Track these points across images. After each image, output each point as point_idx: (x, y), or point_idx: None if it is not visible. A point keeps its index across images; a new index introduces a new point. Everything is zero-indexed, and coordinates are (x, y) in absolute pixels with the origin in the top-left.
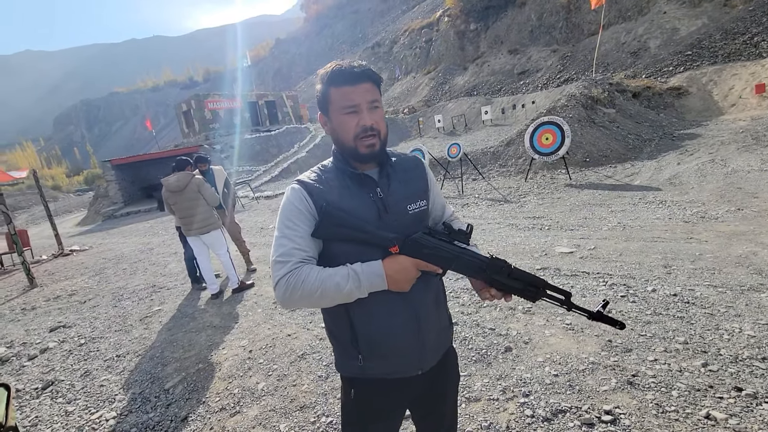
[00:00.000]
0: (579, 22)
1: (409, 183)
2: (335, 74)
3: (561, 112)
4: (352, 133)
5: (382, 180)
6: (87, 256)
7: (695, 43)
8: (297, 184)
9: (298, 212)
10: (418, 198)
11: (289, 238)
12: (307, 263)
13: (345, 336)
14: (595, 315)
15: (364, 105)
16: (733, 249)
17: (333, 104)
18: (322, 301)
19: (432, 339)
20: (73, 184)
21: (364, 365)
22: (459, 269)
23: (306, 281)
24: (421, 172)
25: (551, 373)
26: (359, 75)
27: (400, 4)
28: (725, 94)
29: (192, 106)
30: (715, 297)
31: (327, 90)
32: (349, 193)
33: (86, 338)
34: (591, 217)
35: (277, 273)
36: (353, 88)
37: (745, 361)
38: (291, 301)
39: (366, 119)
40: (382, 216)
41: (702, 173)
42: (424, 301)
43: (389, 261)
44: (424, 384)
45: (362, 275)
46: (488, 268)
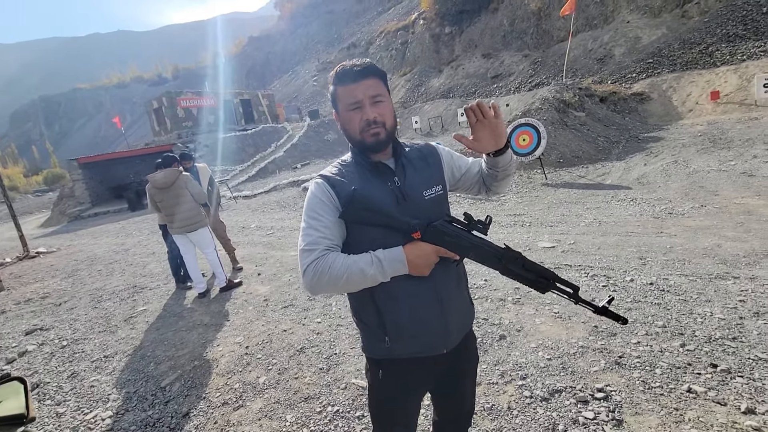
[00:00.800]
0: (549, 29)
1: (425, 170)
2: (340, 74)
3: (535, 115)
4: (357, 128)
5: (398, 169)
6: (56, 258)
7: (656, 51)
8: (320, 178)
9: (322, 204)
10: (434, 183)
11: (314, 228)
12: (332, 251)
13: (372, 320)
14: (600, 309)
15: (366, 100)
16: (699, 242)
17: (340, 102)
18: (348, 286)
19: (455, 319)
20: (32, 184)
21: (391, 347)
22: (476, 258)
23: (333, 267)
24: (436, 158)
25: (545, 357)
26: (360, 72)
27: (376, 6)
28: (683, 100)
29: (164, 103)
30: (687, 285)
31: (335, 89)
32: (369, 183)
33: (68, 340)
34: (568, 214)
35: (305, 260)
36: (356, 85)
37: (717, 340)
38: (318, 286)
39: (368, 113)
40: (401, 203)
41: (667, 173)
42: (446, 283)
43: (410, 247)
44: (447, 363)
45: (384, 261)
46: (503, 258)
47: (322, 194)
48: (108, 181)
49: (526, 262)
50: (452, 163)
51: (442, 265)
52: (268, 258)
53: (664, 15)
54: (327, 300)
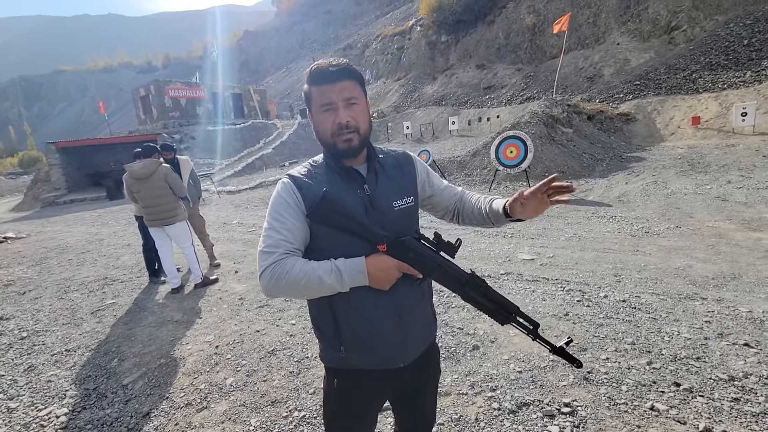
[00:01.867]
0: (542, 45)
1: (397, 179)
2: (314, 73)
3: (524, 128)
4: (329, 131)
5: (369, 176)
6: (24, 245)
7: (643, 74)
8: (287, 178)
9: (286, 205)
10: (405, 194)
11: (276, 230)
12: (292, 255)
13: (328, 327)
14: (557, 350)
15: (340, 102)
16: (672, 262)
17: (314, 102)
18: (306, 293)
19: (415, 333)
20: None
21: (346, 356)
22: (439, 279)
23: (291, 272)
24: (411, 168)
25: (516, 369)
26: (336, 73)
27: (374, 9)
28: (666, 123)
29: (151, 91)
30: (657, 303)
31: (309, 89)
32: (338, 188)
33: (29, 331)
34: (549, 228)
35: (263, 263)
36: (331, 86)
37: (682, 360)
38: (275, 290)
39: (341, 116)
40: (369, 212)
41: (646, 193)
42: (408, 297)
43: (373, 259)
44: (405, 377)
45: (344, 271)
46: (467, 284)
47: (287, 195)
48: (86, 168)
49: (489, 292)
50: (426, 179)
51: (406, 279)
52: (247, 256)
53: (652, 40)
54: (304, 302)
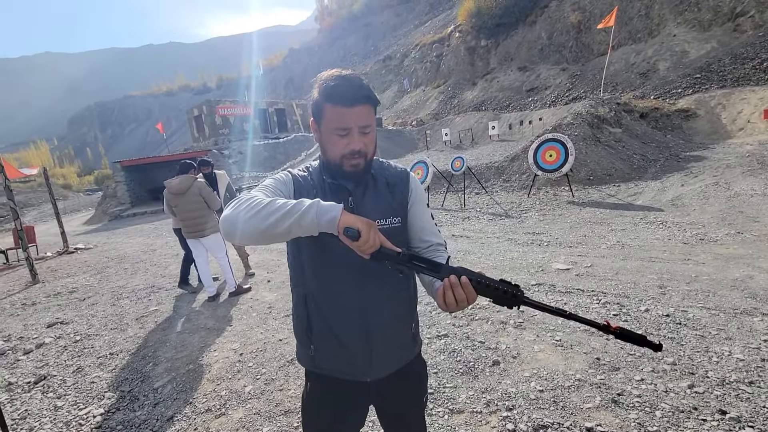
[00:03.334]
0: (589, 42)
1: (386, 197)
2: (333, 91)
3: (567, 130)
4: (339, 153)
5: (357, 190)
6: (90, 255)
7: (704, 66)
8: (287, 172)
9: (281, 182)
10: (391, 214)
11: (260, 189)
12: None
13: (302, 325)
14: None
15: (356, 129)
16: (729, 272)
17: (326, 120)
18: (265, 223)
19: (383, 351)
20: (84, 183)
21: (314, 357)
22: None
23: (253, 198)
24: (404, 186)
25: (537, 388)
26: (357, 98)
27: (413, 19)
28: (733, 118)
29: (203, 111)
30: (707, 319)
31: (322, 103)
32: (323, 196)
33: (82, 335)
34: (591, 235)
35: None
36: (349, 110)
37: (731, 384)
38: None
39: (356, 143)
40: None
41: (705, 195)
42: (380, 312)
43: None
44: (380, 392)
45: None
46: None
47: (284, 178)
48: (147, 184)
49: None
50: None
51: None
52: (280, 265)
53: (714, 28)
54: None
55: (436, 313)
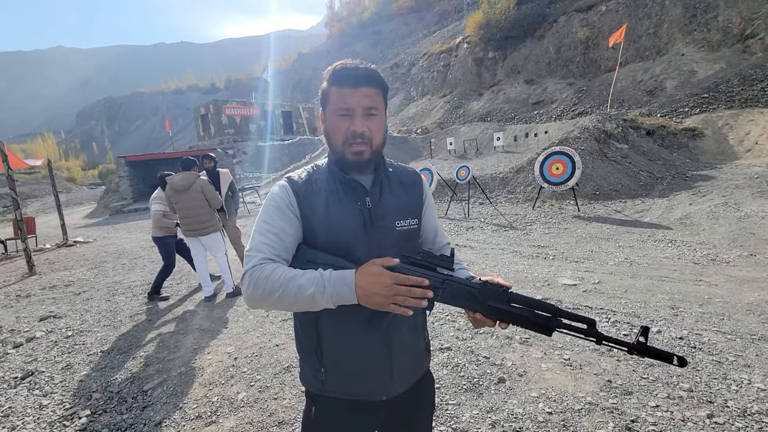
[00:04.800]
0: (596, 58)
1: (402, 197)
2: (337, 73)
3: (573, 144)
4: (341, 137)
5: (374, 189)
6: (89, 249)
7: (712, 86)
8: (285, 181)
9: (277, 209)
10: (409, 215)
11: (261, 233)
12: (273, 261)
13: (310, 345)
14: (638, 347)
15: (359, 110)
16: (744, 295)
17: (330, 104)
18: (283, 303)
19: (403, 364)
20: (88, 177)
21: (325, 380)
22: (446, 299)
23: (270, 279)
24: (419, 188)
25: (545, 410)
26: (361, 78)
27: (422, 29)
28: (741, 139)
29: (210, 110)
30: (723, 344)
31: (328, 88)
32: (337, 198)
33: (74, 330)
34: (597, 250)
35: (245, 267)
36: (352, 90)
37: (754, 416)
38: (254, 299)
39: (357, 125)
40: (368, 228)
41: (714, 215)
42: (399, 323)
43: (363, 268)
44: (390, 411)
45: (328, 281)
46: (481, 294)
47: (281, 199)
48: (150, 179)
49: (511, 296)
50: (427, 209)
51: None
52: None
53: (723, 49)
54: None
55: (439, 324)
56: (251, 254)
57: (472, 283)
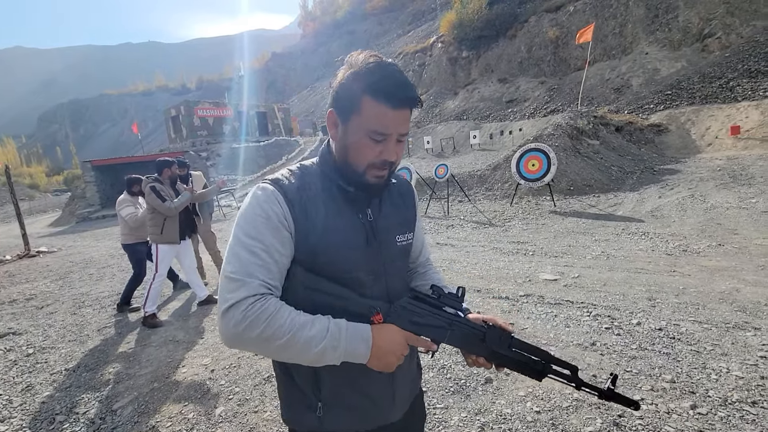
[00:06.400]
0: (566, 57)
1: (402, 209)
2: (381, 83)
3: (547, 141)
4: (367, 161)
5: (374, 200)
6: (54, 259)
7: (675, 84)
8: (272, 186)
9: (266, 222)
10: (407, 229)
11: (250, 250)
12: (272, 293)
13: (305, 381)
14: (606, 394)
15: (394, 136)
16: (716, 284)
17: (362, 118)
18: (282, 353)
19: (404, 389)
20: (52, 183)
21: (323, 417)
22: (453, 341)
23: (274, 320)
24: (412, 199)
25: (533, 409)
26: (406, 99)
27: (396, 29)
28: (702, 134)
29: (181, 111)
30: (700, 333)
31: (360, 95)
32: (336, 208)
33: (35, 348)
34: (575, 245)
35: (231, 295)
36: (394, 112)
37: (735, 404)
38: (243, 340)
39: (391, 153)
40: (371, 244)
41: (683, 207)
42: None
43: (377, 329)
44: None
45: (345, 335)
46: (487, 338)
47: (271, 211)
48: (119, 185)
49: (513, 342)
50: (418, 225)
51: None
52: None
53: (683, 48)
54: None
55: None
56: (240, 278)
57: (479, 326)
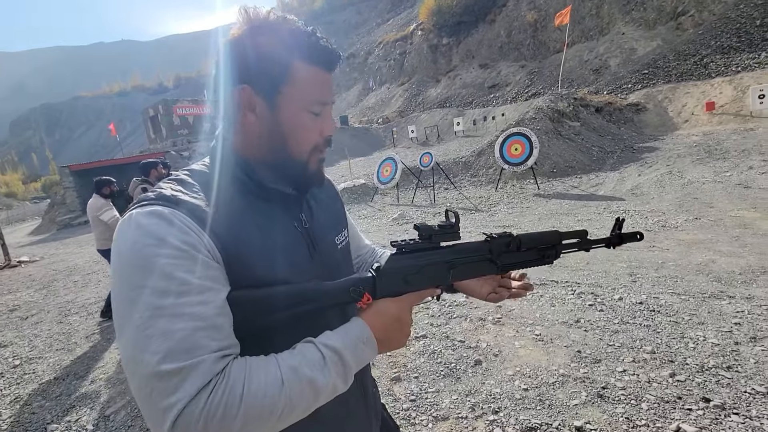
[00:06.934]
0: (545, 40)
1: (330, 205)
2: (311, 42)
3: (529, 124)
4: (311, 144)
5: (303, 203)
6: (36, 268)
7: (651, 62)
8: (165, 206)
9: (181, 257)
10: (342, 226)
11: (181, 314)
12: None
13: None
14: (614, 240)
15: (330, 106)
16: (693, 257)
17: (295, 89)
18: (288, 419)
19: (376, 404)
20: (30, 191)
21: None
22: (460, 276)
23: (250, 392)
24: (333, 190)
25: (521, 387)
26: (338, 58)
27: (375, 17)
28: (679, 111)
29: (159, 111)
30: (679, 305)
31: (289, 60)
32: (269, 222)
33: (22, 359)
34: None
35: (173, 398)
36: (329, 75)
37: (711, 370)
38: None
39: (330, 126)
40: (312, 253)
41: (661, 184)
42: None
43: (370, 315)
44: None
45: (345, 351)
46: (494, 254)
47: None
48: None
49: (522, 242)
50: (349, 216)
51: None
52: None
53: (658, 27)
54: None
55: (413, 313)
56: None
57: (481, 245)
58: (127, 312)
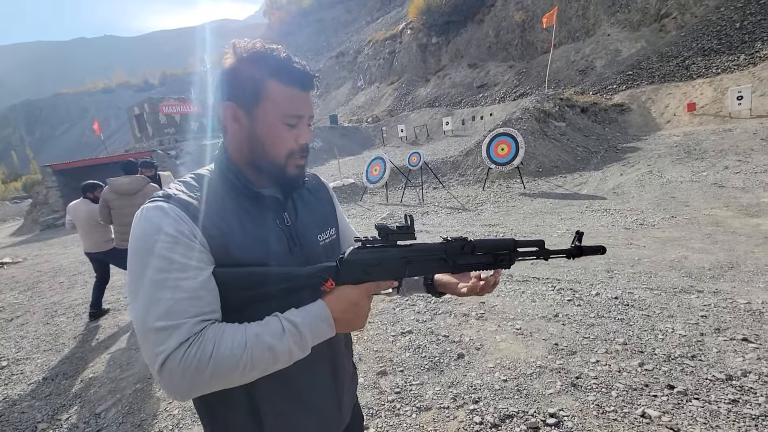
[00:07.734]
0: (533, 40)
1: (317, 207)
2: (286, 67)
3: (516, 125)
4: (286, 150)
5: (287, 202)
6: (20, 269)
7: (635, 63)
8: (164, 201)
9: (174, 243)
10: (328, 225)
11: (171, 286)
12: (211, 322)
13: (238, 404)
14: (573, 252)
15: (306, 119)
16: (667, 254)
17: (271, 104)
18: (248, 376)
19: (348, 392)
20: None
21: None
22: (415, 271)
23: (219, 351)
24: (326, 193)
25: (501, 378)
26: (311, 80)
27: (364, 16)
28: (662, 111)
29: (145, 109)
30: (651, 299)
31: (264, 80)
32: (251, 219)
33: (9, 360)
34: (542, 224)
35: (161, 347)
36: (304, 94)
37: (677, 359)
38: (195, 387)
39: (307, 135)
40: (293, 249)
41: (641, 183)
42: (339, 346)
43: (331, 298)
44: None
45: (303, 326)
46: (448, 255)
47: (173, 225)
48: None
49: (475, 246)
50: (339, 210)
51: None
52: None
53: (642, 29)
54: None
55: (399, 309)
56: (168, 325)
57: (437, 245)
58: (137, 283)
